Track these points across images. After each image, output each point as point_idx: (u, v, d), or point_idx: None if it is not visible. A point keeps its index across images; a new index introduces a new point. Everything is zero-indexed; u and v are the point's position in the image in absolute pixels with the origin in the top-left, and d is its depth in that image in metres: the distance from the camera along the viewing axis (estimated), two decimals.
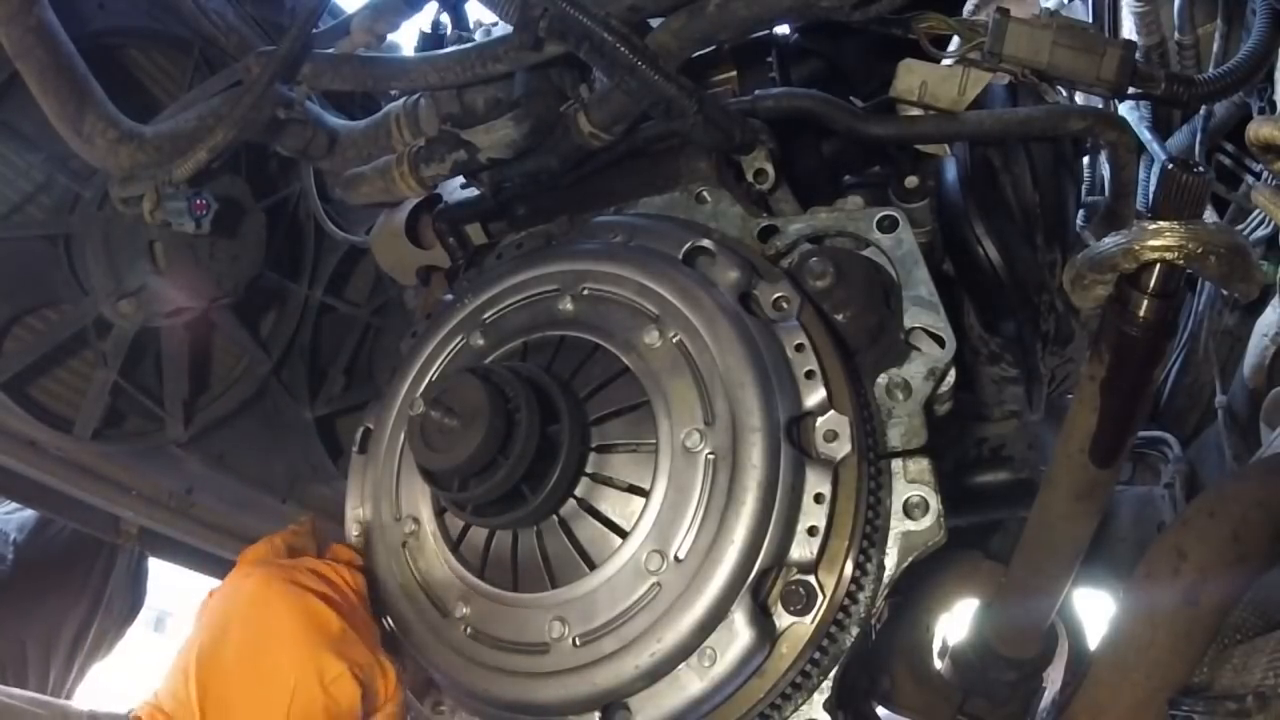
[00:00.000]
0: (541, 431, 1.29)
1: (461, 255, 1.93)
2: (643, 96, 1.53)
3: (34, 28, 1.62)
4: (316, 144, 1.90)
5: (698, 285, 1.42)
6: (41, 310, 2.12)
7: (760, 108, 1.69)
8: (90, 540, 2.83)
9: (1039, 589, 1.55)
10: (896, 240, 1.50)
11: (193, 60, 2.20)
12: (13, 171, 2.02)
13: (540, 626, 1.32)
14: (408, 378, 1.61)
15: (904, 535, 1.35)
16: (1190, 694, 1.36)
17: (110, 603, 3.13)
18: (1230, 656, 1.34)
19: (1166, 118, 2.84)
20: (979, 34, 1.62)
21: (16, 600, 2.90)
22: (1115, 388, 1.17)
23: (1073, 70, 1.59)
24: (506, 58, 1.69)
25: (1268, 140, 1.34)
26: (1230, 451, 2.46)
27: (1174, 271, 1.05)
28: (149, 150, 1.76)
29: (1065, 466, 1.32)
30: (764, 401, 1.32)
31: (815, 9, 1.54)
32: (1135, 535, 2.41)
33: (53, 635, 3.01)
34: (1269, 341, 2.36)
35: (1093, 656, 1.57)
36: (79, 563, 3.04)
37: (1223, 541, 1.45)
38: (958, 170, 1.74)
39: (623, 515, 1.34)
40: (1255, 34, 1.93)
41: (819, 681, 1.32)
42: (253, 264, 2.28)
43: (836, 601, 1.31)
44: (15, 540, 2.93)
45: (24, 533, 2.94)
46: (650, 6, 1.61)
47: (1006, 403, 1.92)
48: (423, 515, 1.50)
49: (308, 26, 1.78)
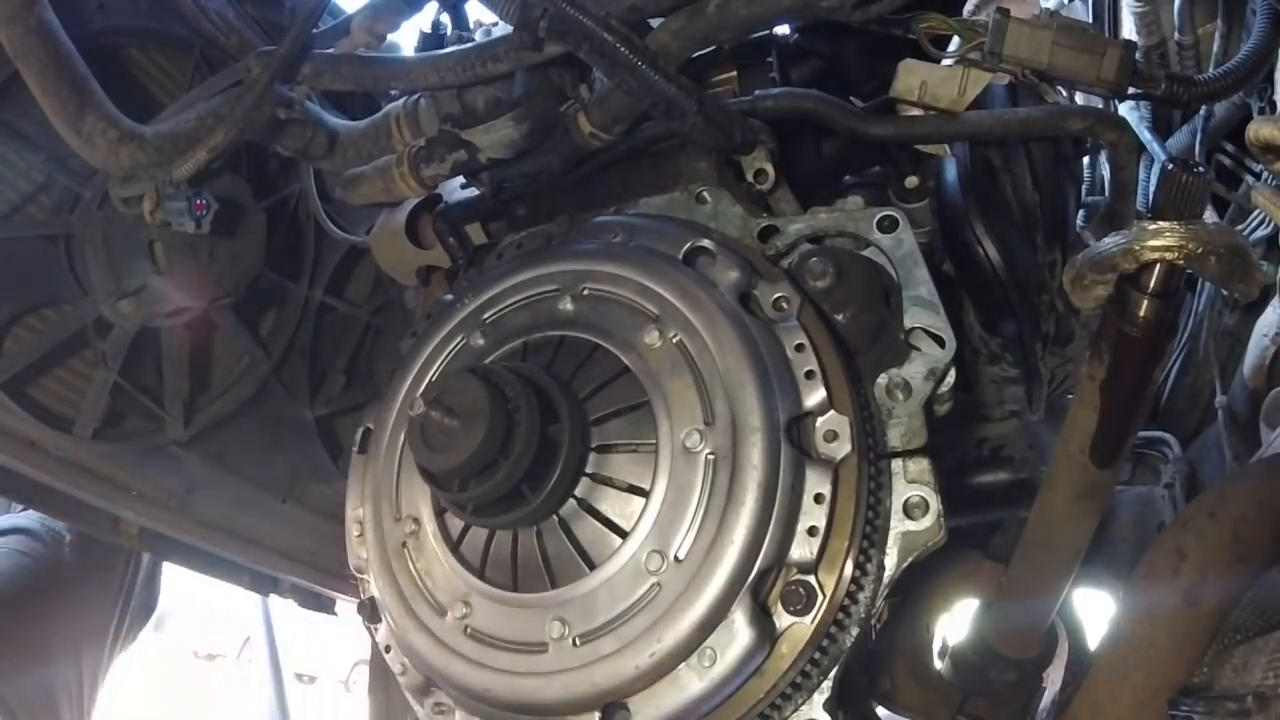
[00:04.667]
0: (541, 431, 1.29)
1: (461, 255, 1.93)
2: (643, 96, 1.53)
3: (34, 28, 1.62)
4: (316, 144, 1.91)
5: (698, 285, 1.43)
6: (41, 310, 2.12)
7: (760, 108, 1.69)
8: None
9: (1039, 589, 1.55)
10: (896, 240, 1.50)
11: (193, 60, 2.20)
12: (13, 171, 2.02)
13: (540, 626, 1.32)
14: (408, 378, 1.61)
15: (904, 535, 1.35)
16: (1190, 694, 1.36)
17: (133, 600, 3.16)
18: (1230, 656, 1.34)
19: (1166, 118, 2.84)
20: (979, 34, 1.62)
21: (73, 594, 2.96)
22: (1115, 388, 1.17)
23: (1073, 70, 1.59)
24: (506, 58, 1.69)
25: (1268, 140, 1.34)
26: (1230, 451, 2.46)
27: (1174, 271, 1.05)
28: (149, 150, 1.76)
29: (1065, 466, 1.32)
30: (764, 402, 1.32)
31: (815, 9, 1.54)
32: (1135, 535, 2.41)
33: (101, 628, 3.06)
34: (1269, 341, 2.36)
35: (1093, 656, 1.57)
36: (117, 561, 3.09)
37: (1223, 542, 1.45)
38: (958, 170, 1.74)
39: (623, 515, 1.34)
40: (1255, 34, 1.93)
41: (819, 681, 1.32)
42: (253, 264, 2.28)
43: (836, 601, 1.31)
44: (70, 541, 2.97)
45: (75, 532, 2.97)
46: (650, 7, 1.61)
47: (1006, 403, 1.92)
48: (423, 515, 1.50)
49: (308, 26, 1.78)
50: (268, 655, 5.99)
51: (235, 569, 2.70)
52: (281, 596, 2.91)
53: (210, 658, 7.46)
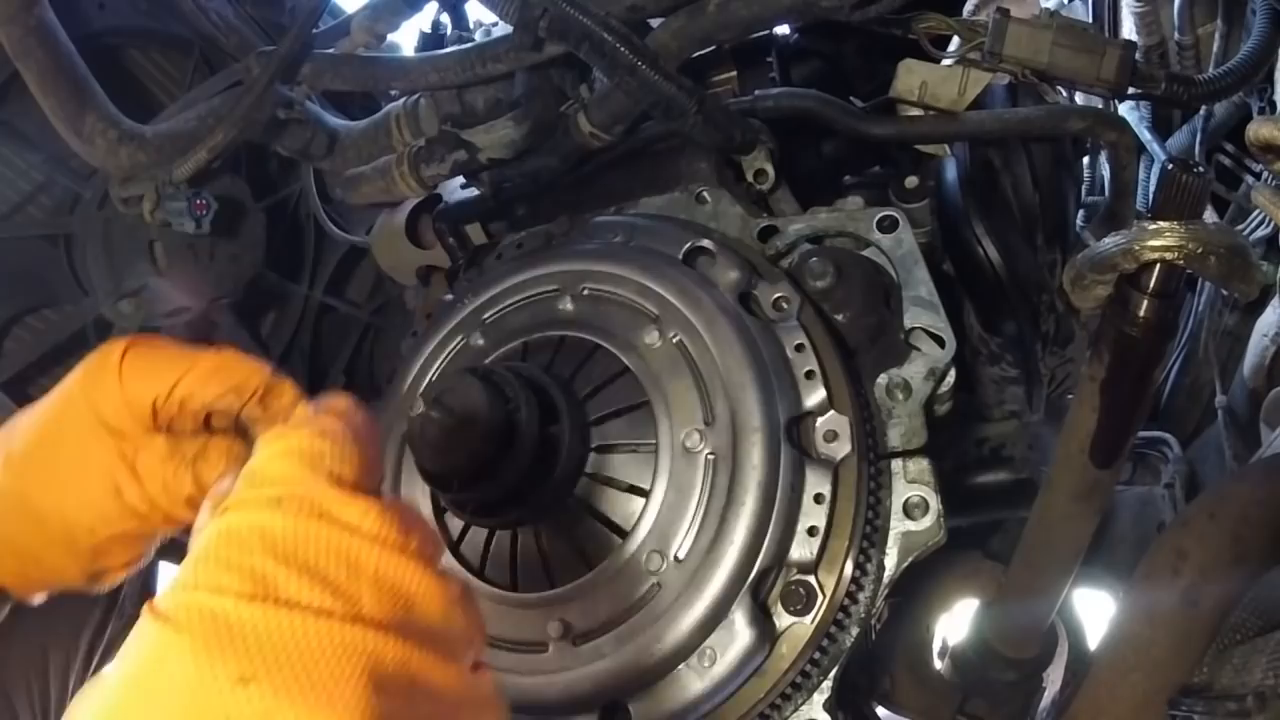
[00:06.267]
0: (541, 431, 1.29)
1: (461, 255, 1.93)
2: (643, 96, 1.53)
3: (34, 28, 1.62)
4: (316, 144, 1.91)
5: (698, 285, 1.42)
6: (41, 310, 2.12)
7: (760, 108, 1.69)
8: None
9: (1039, 589, 1.55)
10: (896, 240, 1.50)
11: (193, 60, 2.20)
12: (13, 171, 2.02)
13: (540, 626, 1.32)
14: (408, 378, 1.61)
15: (904, 535, 1.35)
16: (1190, 694, 1.36)
17: (124, 606, 3.12)
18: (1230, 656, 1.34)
19: (1166, 118, 2.84)
20: (979, 34, 1.62)
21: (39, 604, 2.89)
22: (1115, 388, 1.17)
23: (1073, 70, 1.59)
24: (506, 58, 1.69)
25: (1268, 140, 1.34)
26: (1230, 451, 2.45)
27: (1174, 271, 1.05)
28: (149, 150, 1.76)
29: (1065, 466, 1.32)
30: (764, 402, 1.32)
31: (815, 9, 1.54)
32: (1135, 535, 2.41)
33: (72, 640, 3.00)
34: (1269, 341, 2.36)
35: (1093, 656, 1.57)
36: None
37: (1223, 542, 1.44)
38: (958, 170, 1.74)
39: (623, 515, 1.34)
40: (1255, 34, 1.93)
41: (819, 681, 1.32)
42: (253, 264, 2.27)
43: (836, 601, 1.31)
44: None
45: None
46: (650, 6, 1.61)
47: (1006, 403, 1.92)
48: (423, 515, 1.49)
49: (308, 26, 1.78)
50: None
51: None
52: None
53: None
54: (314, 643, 0.61)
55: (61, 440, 0.98)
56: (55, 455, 0.98)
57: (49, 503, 0.98)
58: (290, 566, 0.64)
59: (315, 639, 0.62)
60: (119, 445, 0.97)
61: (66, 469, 0.98)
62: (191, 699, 0.59)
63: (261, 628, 0.61)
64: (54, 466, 0.98)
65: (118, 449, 0.97)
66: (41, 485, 0.98)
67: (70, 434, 0.98)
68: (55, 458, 0.98)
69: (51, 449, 0.98)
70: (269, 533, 0.66)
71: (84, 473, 0.97)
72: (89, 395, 0.97)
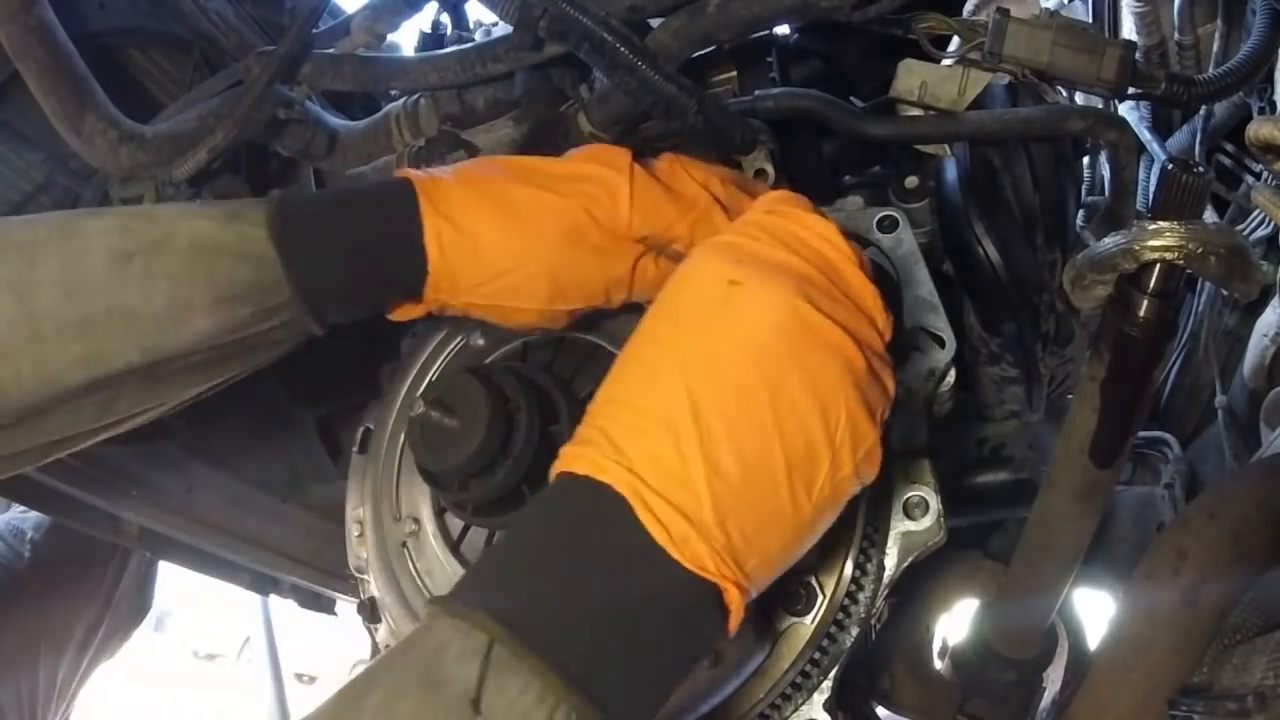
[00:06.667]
0: (541, 431, 1.29)
1: None
2: (643, 96, 1.52)
3: (34, 28, 1.61)
4: (316, 144, 1.90)
5: None
6: None
7: (760, 108, 1.69)
8: (105, 540, 2.82)
9: (1039, 589, 1.55)
10: (896, 240, 1.50)
11: (193, 60, 2.19)
12: (13, 171, 2.01)
13: None
14: (408, 378, 1.61)
15: (904, 535, 1.35)
16: (1190, 694, 1.36)
17: (120, 604, 3.12)
18: (1230, 656, 1.34)
19: (1166, 118, 2.84)
20: (979, 34, 1.62)
21: (33, 598, 2.88)
22: (1115, 388, 1.17)
23: (1073, 70, 1.59)
24: (506, 58, 1.69)
25: (1268, 140, 1.33)
26: (1230, 451, 2.45)
27: (1174, 271, 1.05)
28: (149, 150, 1.76)
29: (1065, 466, 1.32)
30: None
31: (815, 9, 1.54)
32: (1135, 535, 2.41)
33: (64, 634, 3.00)
34: (1269, 341, 2.36)
35: (1093, 656, 1.57)
36: (94, 562, 3.03)
37: (1223, 542, 1.44)
38: (958, 170, 1.74)
39: None
40: (1255, 34, 1.93)
41: (819, 681, 1.32)
42: None
43: (836, 601, 1.31)
44: (33, 539, 2.91)
45: (41, 531, 2.93)
46: (650, 6, 1.61)
47: (1006, 403, 1.92)
48: (423, 515, 1.49)
49: (308, 26, 1.78)
50: (267, 655, 5.98)
51: (235, 569, 2.69)
52: (281, 596, 2.90)
53: (210, 658, 7.46)
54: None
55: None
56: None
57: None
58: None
59: None
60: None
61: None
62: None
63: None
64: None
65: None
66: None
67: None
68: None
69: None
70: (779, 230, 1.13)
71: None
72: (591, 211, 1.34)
